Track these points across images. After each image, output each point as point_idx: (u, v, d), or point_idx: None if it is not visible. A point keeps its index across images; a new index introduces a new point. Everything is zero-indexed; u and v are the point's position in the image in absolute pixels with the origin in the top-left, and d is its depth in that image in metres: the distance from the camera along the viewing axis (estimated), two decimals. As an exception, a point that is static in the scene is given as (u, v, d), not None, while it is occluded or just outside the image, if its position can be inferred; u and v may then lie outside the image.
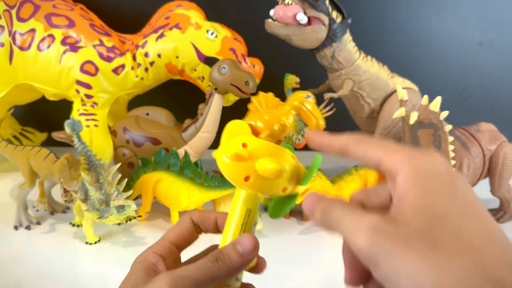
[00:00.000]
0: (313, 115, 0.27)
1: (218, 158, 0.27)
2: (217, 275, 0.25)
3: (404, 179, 0.20)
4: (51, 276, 0.53)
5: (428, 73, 0.99)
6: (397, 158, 0.20)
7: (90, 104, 0.77)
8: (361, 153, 0.22)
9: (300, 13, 0.67)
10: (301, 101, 0.26)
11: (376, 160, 0.21)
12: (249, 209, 0.27)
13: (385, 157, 0.21)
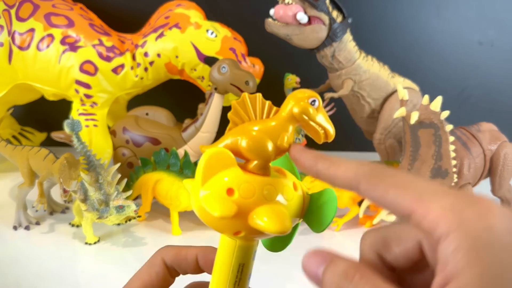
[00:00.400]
0: (320, 126, 0.22)
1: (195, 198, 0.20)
2: None
3: (455, 251, 0.14)
4: (50, 277, 0.53)
5: (429, 73, 0.99)
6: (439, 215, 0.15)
7: (89, 104, 0.77)
8: (379, 196, 0.16)
9: (300, 13, 0.67)
10: (303, 110, 0.21)
11: (403, 210, 0.16)
12: (241, 264, 0.22)
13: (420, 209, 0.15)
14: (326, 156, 0.19)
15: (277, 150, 0.21)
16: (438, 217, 0.15)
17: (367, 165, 0.17)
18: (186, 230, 0.65)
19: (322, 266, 0.17)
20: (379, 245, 0.18)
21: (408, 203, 0.15)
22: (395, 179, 0.16)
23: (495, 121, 0.70)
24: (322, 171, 0.18)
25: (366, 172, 0.17)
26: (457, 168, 0.63)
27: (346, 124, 0.87)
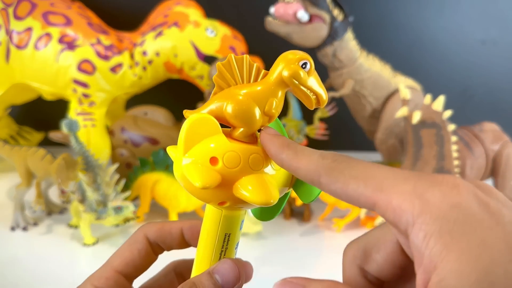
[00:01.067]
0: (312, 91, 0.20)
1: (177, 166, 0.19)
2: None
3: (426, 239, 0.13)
4: (48, 278, 0.52)
5: (431, 72, 0.98)
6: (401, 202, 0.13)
7: (87, 104, 0.76)
8: (340, 190, 0.15)
9: (301, 11, 0.66)
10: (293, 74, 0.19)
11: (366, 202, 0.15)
12: (228, 234, 0.21)
13: (382, 200, 0.14)
14: (293, 145, 0.17)
15: (265, 116, 0.20)
16: (400, 205, 0.13)
17: (329, 157, 0.16)
18: (185, 231, 0.64)
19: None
20: (360, 257, 0.17)
21: (369, 194, 0.14)
22: (355, 170, 0.15)
23: (497, 121, 0.70)
24: (286, 161, 0.17)
25: (326, 165, 0.16)
26: (460, 168, 0.62)
27: (348, 123, 0.87)
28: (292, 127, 0.71)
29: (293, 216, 0.69)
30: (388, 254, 0.16)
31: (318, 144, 0.78)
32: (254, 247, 0.59)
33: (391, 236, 0.16)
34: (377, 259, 0.16)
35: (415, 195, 0.13)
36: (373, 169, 0.15)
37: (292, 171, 0.17)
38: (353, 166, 0.15)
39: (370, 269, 0.16)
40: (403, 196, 0.13)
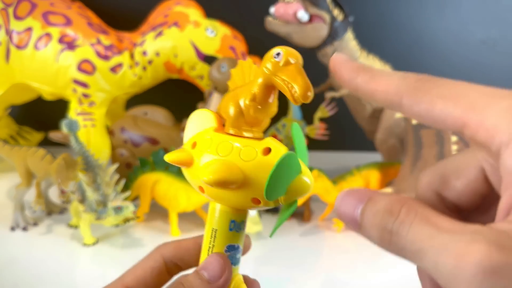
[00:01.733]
0: (284, 81, 0.19)
1: None
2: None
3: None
4: (48, 278, 0.52)
5: (431, 72, 0.97)
6: (496, 121, 0.12)
7: (87, 104, 0.76)
8: (425, 110, 0.14)
9: (301, 11, 0.66)
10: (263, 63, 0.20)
11: (455, 123, 0.13)
12: (214, 229, 0.21)
13: (473, 120, 0.13)
14: (368, 68, 0.16)
15: (246, 109, 0.20)
16: (495, 124, 0.12)
17: (411, 77, 0.15)
18: (185, 231, 0.64)
19: (360, 206, 0.14)
20: (438, 182, 0.15)
21: (459, 114, 0.13)
22: (442, 89, 0.14)
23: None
24: (362, 85, 0.16)
25: (410, 85, 0.14)
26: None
27: (348, 124, 0.87)
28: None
29: (293, 216, 0.69)
30: (469, 181, 0.15)
31: (318, 144, 0.78)
32: (254, 247, 0.59)
33: (475, 162, 0.15)
34: (456, 185, 0.15)
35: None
36: (464, 87, 0.14)
37: (369, 94, 0.16)
38: (441, 85, 0.14)
39: (449, 195, 0.15)
40: (499, 115, 0.12)
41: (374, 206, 0.14)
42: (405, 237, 0.13)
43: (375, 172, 0.67)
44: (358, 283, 0.52)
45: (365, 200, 0.14)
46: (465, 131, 0.13)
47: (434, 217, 0.13)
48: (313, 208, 0.71)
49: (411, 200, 0.13)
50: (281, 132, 0.70)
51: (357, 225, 0.14)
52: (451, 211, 0.16)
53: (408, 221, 0.13)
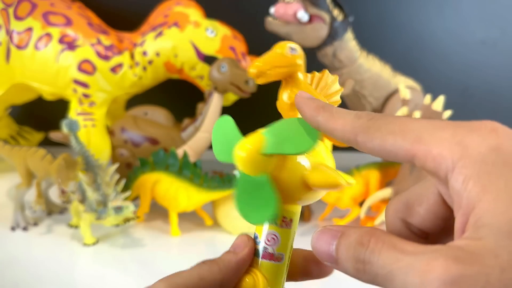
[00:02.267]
0: None
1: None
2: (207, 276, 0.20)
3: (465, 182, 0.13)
4: (48, 278, 0.52)
5: (431, 72, 0.98)
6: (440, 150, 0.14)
7: (87, 104, 0.76)
8: (378, 146, 0.15)
9: (300, 11, 0.66)
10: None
11: (405, 155, 0.15)
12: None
13: (421, 151, 0.14)
14: (328, 107, 0.18)
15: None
16: (440, 152, 0.14)
17: (364, 116, 0.16)
18: (185, 231, 0.64)
19: (334, 242, 0.16)
20: (403, 210, 0.17)
21: (408, 146, 0.14)
22: (392, 125, 0.15)
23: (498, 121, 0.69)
24: (322, 123, 0.17)
25: (363, 124, 0.16)
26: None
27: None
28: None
29: (293, 216, 0.69)
30: (430, 205, 0.16)
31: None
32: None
33: (432, 189, 0.16)
34: (419, 211, 0.17)
35: (454, 142, 0.14)
36: (410, 122, 0.15)
37: (329, 132, 0.17)
38: (390, 122, 0.15)
39: (414, 221, 0.17)
40: (442, 144, 0.14)
41: (347, 239, 0.15)
42: (376, 263, 0.14)
43: (375, 172, 0.67)
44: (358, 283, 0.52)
45: (338, 236, 0.16)
46: (415, 161, 0.14)
47: (399, 243, 0.14)
48: (313, 208, 0.71)
49: (379, 231, 0.15)
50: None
51: (333, 260, 0.16)
52: (417, 236, 0.17)
53: (377, 249, 0.14)
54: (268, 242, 0.22)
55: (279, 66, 0.22)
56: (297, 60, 0.22)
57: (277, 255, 0.22)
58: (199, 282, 0.20)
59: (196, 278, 0.20)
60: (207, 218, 0.66)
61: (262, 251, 0.22)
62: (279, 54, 0.22)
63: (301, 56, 0.23)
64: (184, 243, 0.62)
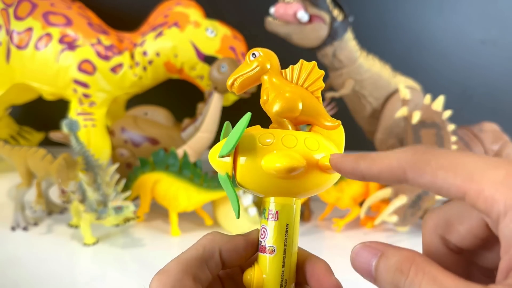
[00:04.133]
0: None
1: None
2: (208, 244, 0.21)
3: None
4: (48, 278, 0.52)
5: (431, 72, 0.98)
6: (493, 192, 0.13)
7: (87, 104, 0.76)
8: (429, 183, 0.15)
9: (300, 11, 0.67)
10: None
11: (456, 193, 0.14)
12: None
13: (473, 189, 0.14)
14: (366, 155, 0.17)
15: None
16: (492, 195, 0.13)
17: (409, 151, 0.16)
18: (185, 231, 0.65)
19: (374, 260, 0.16)
20: (442, 227, 0.17)
21: (459, 184, 0.14)
22: (441, 161, 0.15)
23: (497, 121, 0.70)
24: (366, 171, 0.17)
25: (410, 160, 0.16)
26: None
27: (347, 124, 0.86)
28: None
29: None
30: (472, 226, 0.16)
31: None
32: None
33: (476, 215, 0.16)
34: (460, 230, 0.16)
35: (508, 185, 0.13)
36: (461, 158, 0.15)
37: (376, 177, 0.17)
38: (439, 156, 0.15)
39: (452, 239, 0.17)
40: (495, 186, 0.13)
41: (387, 262, 0.15)
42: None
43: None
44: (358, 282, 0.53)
45: (378, 255, 0.16)
46: (466, 199, 0.14)
47: (440, 276, 0.14)
48: (313, 208, 0.71)
49: (420, 257, 0.15)
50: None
51: (372, 278, 0.16)
52: (452, 252, 0.17)
53: (417, 281, 0.14)
54: (261, 235, 0.23)
55: (244, 73, 0.24)
56: (257, 63, 0.24)
57: (269, 247, 0.22)
58: (203, 253, 0.21)
59: (200, 250, 0.21)
60: (207, 218, 0.66)
61: (259, 245, 0.23)
62: (244, 62, 0.24)
63: (262, 59, 0.24)
64: (184, 243, 0.62)
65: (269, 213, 0.22)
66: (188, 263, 0.20)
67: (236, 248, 0.22)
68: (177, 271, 0.19)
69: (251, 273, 0.22)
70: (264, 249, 0.22)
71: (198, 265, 0.20)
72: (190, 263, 0.20)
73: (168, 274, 0.19)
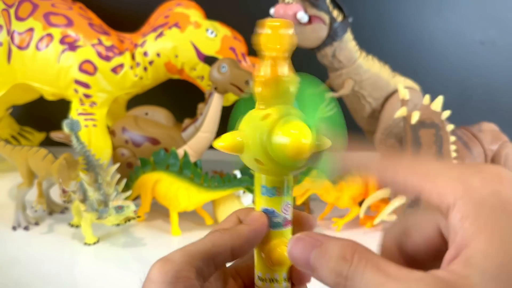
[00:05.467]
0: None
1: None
2: (218, 241, 0.21)
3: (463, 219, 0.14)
4: (49, 277, 0.52)
5: (430, 73, 0.99)
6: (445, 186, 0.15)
7: (88, 104, 0.77)
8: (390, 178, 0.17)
9: (300, 12, 0.67)
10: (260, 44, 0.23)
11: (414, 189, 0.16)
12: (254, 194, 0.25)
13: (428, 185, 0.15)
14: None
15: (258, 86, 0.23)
16: (444, 189, 0.15)
17: (381, 157, 0.18)
18: (186, 230, 0.65)
19: (313, 251, 0.16)
20: (400, 235, 0.18)
21: (416, 182, 0.16)
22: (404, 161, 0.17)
23: (496, 121, 0.70)
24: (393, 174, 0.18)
25: (380, 161, 0.18)
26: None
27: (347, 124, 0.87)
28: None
29: (293, 215, 0.70)
30: (427, 236, 0.17)
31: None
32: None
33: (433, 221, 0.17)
34: (416, 239, 0.17)
35: (459, 181, 0.15)
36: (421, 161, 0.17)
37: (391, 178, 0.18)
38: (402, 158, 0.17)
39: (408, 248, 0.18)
40: (448, 182, 0.15)
41: (327, 251, 0.16)
42: (359, 282, 0.15)
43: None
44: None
45: (317, 245, 0.16)
46: (422, 195, 0.16)
47: (382, 264, 0.15)
48: (312, 207, 0.71)
49: (361, 246, 0.16)
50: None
51: (311, 268, 0.16)
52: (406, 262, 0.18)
53: (361, 267, 0.15)
54: (285, 211, 0.23)
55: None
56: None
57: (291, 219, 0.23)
58: (212, 248, 0.20)
59: (209, 244, 0.21)
60: (207, 218, 0.66)
61: (281, 222, 0.23)
62: None
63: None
64: (184, 242, 0.62)
65: (291, 189, 0.23)
66: (194, 255, 0.20)
67: (247, 241, 0.22)
68: (181, 261, 0.19)
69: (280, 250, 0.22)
70: (289, 223, 0.23)
71: (204, 259, 0.20)
72: (195, 256, 0.20)
73: (172, 263, 0.19)
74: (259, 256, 0.23)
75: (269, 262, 0.22)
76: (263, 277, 0.23)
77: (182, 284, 0.19)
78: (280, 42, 0.22)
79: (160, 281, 0.18)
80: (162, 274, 0.19)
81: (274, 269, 0.23)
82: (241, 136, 0.22)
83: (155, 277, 0.19)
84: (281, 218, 0.23)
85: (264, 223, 0.22)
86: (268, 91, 0.22)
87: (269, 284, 0.23)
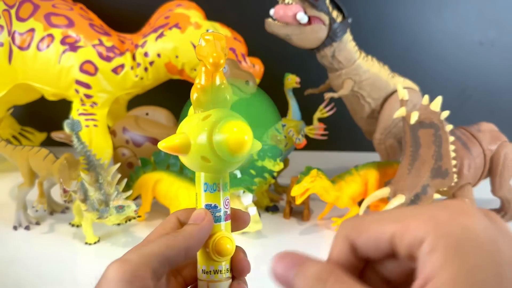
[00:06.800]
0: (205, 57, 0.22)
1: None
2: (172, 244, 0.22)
3: (431, 252, 0.15)
4: (50, 277, 0.53)
5: (429, 73, 0.99)
6: (417, 225, 0.15)
7: (89, 104, 0.77)
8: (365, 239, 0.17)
9: (300, 13, 0.67)
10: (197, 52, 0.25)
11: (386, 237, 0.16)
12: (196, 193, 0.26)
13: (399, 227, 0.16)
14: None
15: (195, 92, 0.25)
16: (416, 227, 0.15)
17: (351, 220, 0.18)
18: (186, 230, 0.65)
19: (293, 270, 0.17)
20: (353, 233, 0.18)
21: (387, 229, 0.16)
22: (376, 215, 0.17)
23: (495, 121, 0.70)
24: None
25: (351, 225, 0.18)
26: (457, 168, 0.63)
27: (346, 124, 0.87)
28: (292, 127, 0.72)
29: (293, 215, 0.70)
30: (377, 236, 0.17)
31: (317, 144, 0.78)
32: (254, 246, 0.60)
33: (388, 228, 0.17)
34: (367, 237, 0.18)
35: (428, 217, 0.15)
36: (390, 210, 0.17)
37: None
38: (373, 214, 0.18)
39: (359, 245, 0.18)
40: (419, 220, 0.16)
41: (306, 271, 0.17)
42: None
43: (373, 171, 0.68)
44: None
45: (298, 265, 0.17)
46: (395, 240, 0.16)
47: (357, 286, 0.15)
48: (312, 207, 0.71)
49: (338, 269, 0.17)
50: (280, 132, 0.71)
51: (289, 285, 0.17)
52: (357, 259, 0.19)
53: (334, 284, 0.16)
54: (226, 206, 0.26)
55: None
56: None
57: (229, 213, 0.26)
58: (166, 250, 0.22)
59: (163, 247, 0.22)
60: (207, 217, 0.66)
61: (221, 216, 0.25)
62: None
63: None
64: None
65: (228, 185, 0.25)
66: (150, 257, 0.21)
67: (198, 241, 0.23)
68: (138, 262, 0.20)
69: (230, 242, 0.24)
70: (229, 217, 0.25)
71: (160, 261, 0.21)
72: (151, 258, 0.21)
73: (129, 263, 0.20)
74: (202, 251, 0.25)
75: (214, 254, 0.24)
76: (207, 270, 0.24)
77: (138, 283, 0.20)
78: (214, 53, 0.23)
79: (117, 280, 0.19)
80: (120, 273, 0.20)
81: (218, 261, 0.24)
82: (184, 137, 0.23)
83: (112, 276, 0.20)
84: (223, 212, 0.25)
85: (210, 220, 0.24)
86: (204, 97, 0.24)
87: (213, 276, 0.24)
